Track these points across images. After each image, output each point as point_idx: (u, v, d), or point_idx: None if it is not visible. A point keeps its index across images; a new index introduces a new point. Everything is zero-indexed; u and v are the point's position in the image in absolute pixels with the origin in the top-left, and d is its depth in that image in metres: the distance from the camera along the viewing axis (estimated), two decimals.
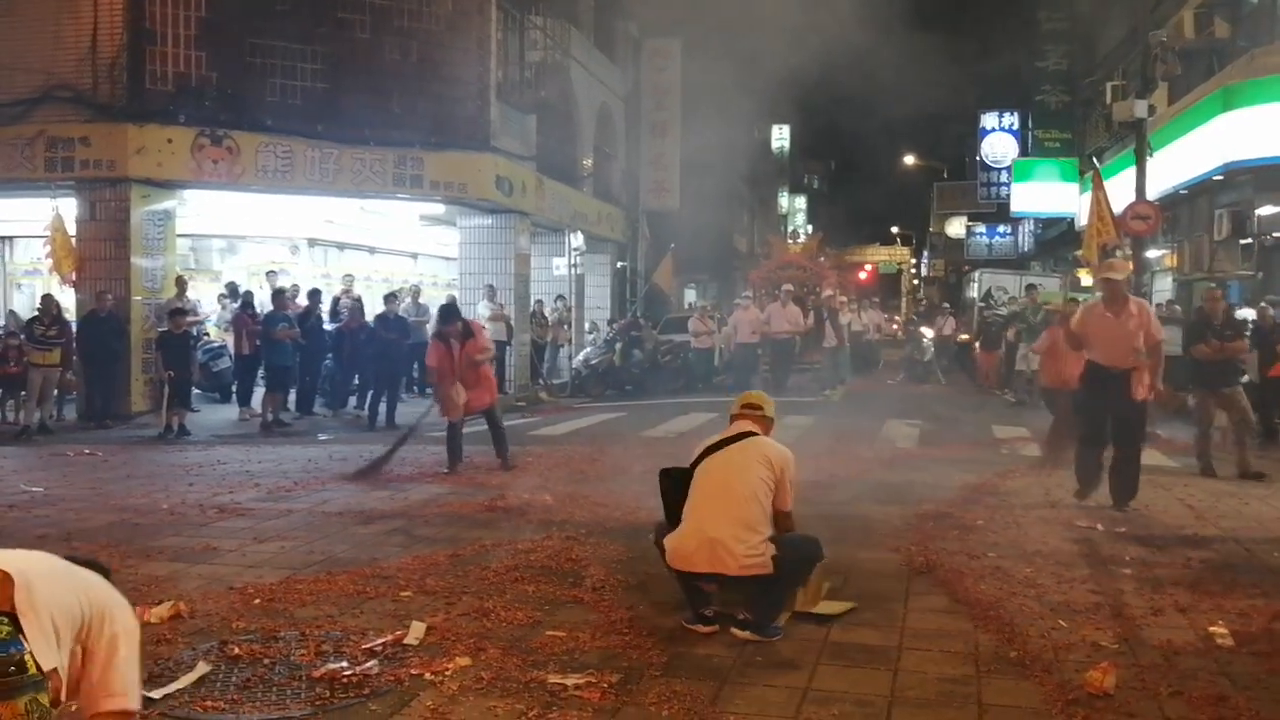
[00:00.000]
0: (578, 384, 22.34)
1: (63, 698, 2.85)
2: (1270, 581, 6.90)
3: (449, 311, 12.15)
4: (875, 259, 72.66)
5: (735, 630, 5.65)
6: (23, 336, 15.57)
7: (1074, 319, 9.73)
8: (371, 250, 24.29)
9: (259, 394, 16.56)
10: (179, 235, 18.42)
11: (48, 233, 16.68)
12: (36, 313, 15.75)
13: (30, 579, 2.77)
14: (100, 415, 15.91)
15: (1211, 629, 5.82)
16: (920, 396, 20.65)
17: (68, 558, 3.11)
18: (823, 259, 35.68)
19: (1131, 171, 19.28)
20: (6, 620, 2.68)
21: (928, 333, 27.80)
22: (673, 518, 6.00)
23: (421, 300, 20.91)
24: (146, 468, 11.85)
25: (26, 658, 2.68)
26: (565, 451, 12.89)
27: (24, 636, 2.69)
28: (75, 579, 2.98)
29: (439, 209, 21.67)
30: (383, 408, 16.19)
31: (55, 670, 2.77)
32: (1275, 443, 13.99)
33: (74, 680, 2.92)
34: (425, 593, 6.58)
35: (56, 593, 2.85)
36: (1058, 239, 35.42)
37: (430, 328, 19.89)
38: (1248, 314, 15.81)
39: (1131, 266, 8.92)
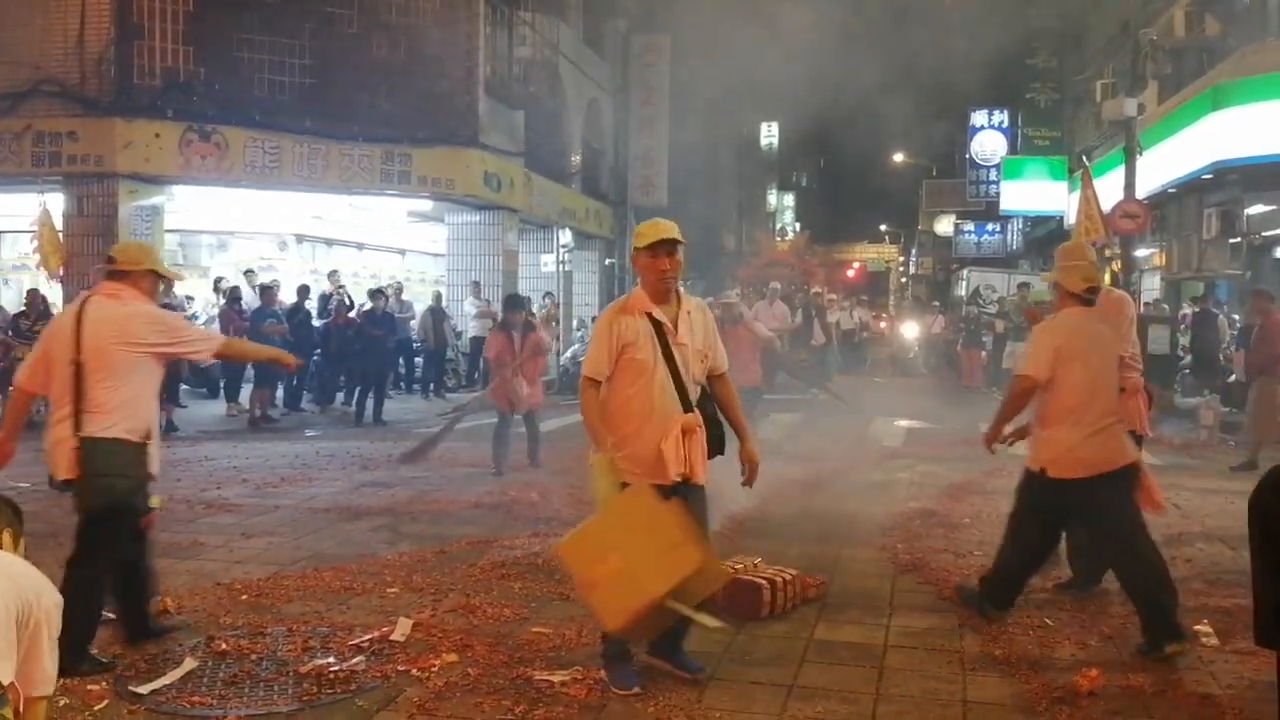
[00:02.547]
0: (565, 381, 22.31)
1: (21, 707, 2.82)
2: None
3: (515, 301, 11.93)
4: (863, 257, 72.62)
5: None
6: (9, 332, 15.51)
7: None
8: (359, 246, 24.26)
9: (247, 390, 16.52)
10: (167, 231, 18.37)
11: (35, 228, 16.59)
12: (23, 308, 15.70)
13: None
14: None
15: (1196, 628, 5.84)
16: (908, 394, 20.65)
17: None
18: (810, 256, 35.71)
19: (1121, 170, 19.29)
20: None
21: (910, 330, 27.88)
22: None
23: (405, 297, 20.89)
24: None
25: None
26: (552, 449, 12.86)
27: None
28: (9, 576, 2.90)
29: (427, 205, 21.63)
30: (370, 404, 16.17)
31: (13, 684, 2.74)
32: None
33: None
34: (412, 589, 6.58)
35: (2, 603, 2.80)
36: (1046, 237, 35.44)
37: (415, 324, 19.96)
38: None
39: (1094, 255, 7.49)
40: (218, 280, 19.40)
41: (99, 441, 5.16)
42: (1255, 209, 18.72)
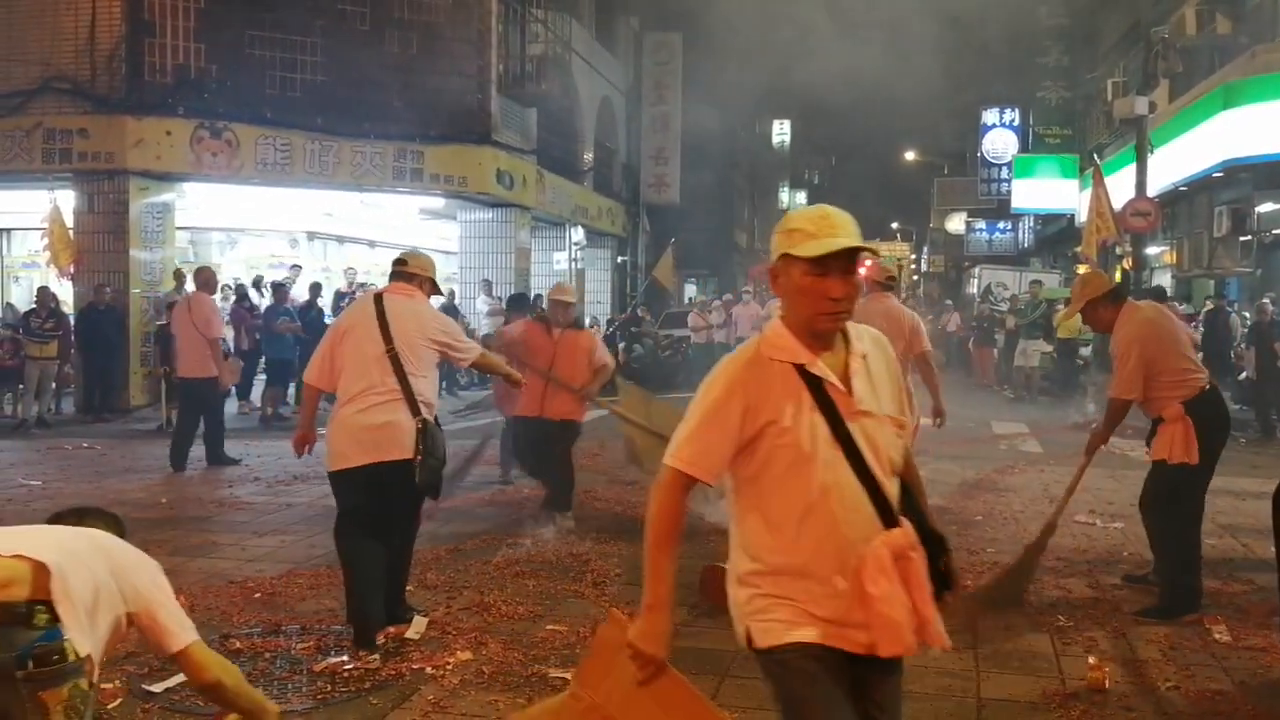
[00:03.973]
0: None
1: (95, 679, 2.92)
2: (1266, 577, 6.89)
3: (520, 301, 11.62)
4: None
5: None
6: (19, 329, 15.55)
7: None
8: (371, 244, 24.29)
9: (259, 388, 16.53)
10: (178, 228, 18.39)
11: (45, 225, 16.64)
12: (34, 305, 15.74)
13: (64, 568, 2.83)
14: (98, 409, 15.87)
15: (1208, 624, 5.83)
16: (920, 392, 20.58)
17: (75, 511, 3.29)
18: None
19: (1132, 168, 19.29)
20: (45, 610, 2.77)
21: None
22: None
23: None
24: (145, 462, 11.83)
25: (66, 645, 2.77)
26: None
27: (62, 624, 2.78)
28: (98, 554, 3.04)
29: (439, 203, 21.66)
30: None
31: (90, 655, 2.85)
32: (1273, 439, 14.03)
33: (113, 647, 3.07)
34: (426, 587, 6.59)
35: (88, 576, 2.92)
36: (1058, 235, 35.39)
37: None
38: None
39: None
40: (256, 279, 19.36)
41: (431, 427, 5.53)
42: (1266, 207, 18.68)
